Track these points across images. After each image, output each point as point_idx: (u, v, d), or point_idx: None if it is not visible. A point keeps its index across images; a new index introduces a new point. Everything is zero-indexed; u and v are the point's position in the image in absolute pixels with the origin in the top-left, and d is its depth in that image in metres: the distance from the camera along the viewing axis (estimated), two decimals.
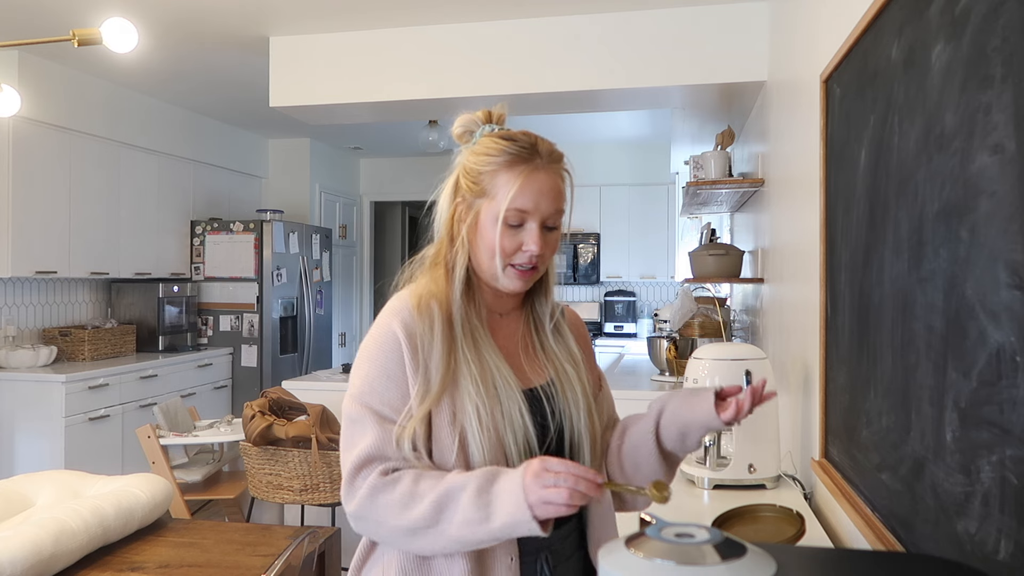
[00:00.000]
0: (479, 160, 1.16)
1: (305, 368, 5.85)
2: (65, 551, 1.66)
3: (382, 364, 1.12)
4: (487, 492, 1.02)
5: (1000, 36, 0.88)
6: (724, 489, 1.96)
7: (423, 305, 1.15)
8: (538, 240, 1.14)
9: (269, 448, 2.86)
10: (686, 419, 1.14)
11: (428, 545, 1.05)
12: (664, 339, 3.68)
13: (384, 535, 1.09)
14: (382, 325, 1.15)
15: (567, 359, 1.24)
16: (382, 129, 6.15)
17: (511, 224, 1.13)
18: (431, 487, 1.05)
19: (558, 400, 1.19)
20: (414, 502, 1.04)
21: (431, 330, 1.13)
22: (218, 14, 3.55)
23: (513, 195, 1.12)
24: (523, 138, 1.16)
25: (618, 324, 6.67)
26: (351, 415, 1.12)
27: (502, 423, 1.11)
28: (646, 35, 3.43)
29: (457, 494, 1.03)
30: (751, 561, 0.69)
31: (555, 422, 1.18)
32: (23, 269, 4.11)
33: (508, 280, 1.16)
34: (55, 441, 3.96)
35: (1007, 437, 0.85)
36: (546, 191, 1.14)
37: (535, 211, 1.13)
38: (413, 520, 1.04)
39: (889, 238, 1.28)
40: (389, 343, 1.13)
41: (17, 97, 2.93)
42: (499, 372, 1.14)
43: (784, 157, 2.63)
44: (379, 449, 1.09)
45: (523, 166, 1.14)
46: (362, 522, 1.09)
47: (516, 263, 1.15)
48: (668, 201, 6.55)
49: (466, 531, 1.02)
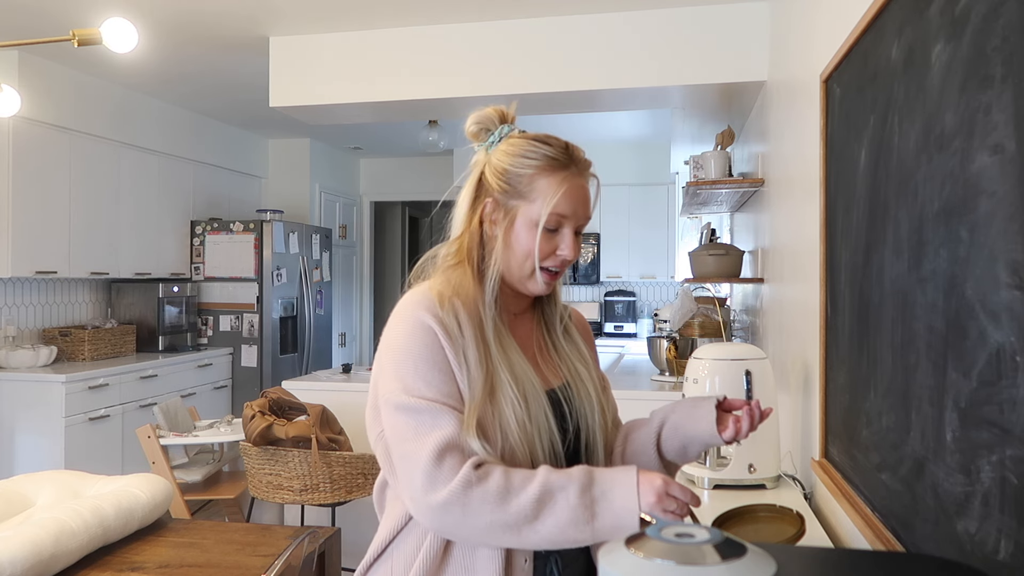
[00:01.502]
0: (514, 161, 1.16)
1: (305, 368, 5.85)
2: (65, 551, 1.66)
3: (426, 355, 1.09)
4: (589, 493, 1.02)
5: (1000, 36, 0.88)
6: (724, 489, 1.96)
7: (445, 301, 1.12)
8: (573, 245, 1.16)
9: (269, 448, 2.86)
10: (688, 433, 1.15)
11: (519, 540, 1.03)
12: (664, 339, 3.68)
13: (473, 528, 1.04)
14: (410, 317, 1.11)
15: (579, 360, 1.25)
16: (382, 129, 6.15)
17: (549, 228, 1.14)
18: (524, 482, 1.03)
19: (574, 401, 1.20)
20: (511, 496, 1.02)
21: (460, 329, 1.12)
22: (218, 14, 3.55)
23: (557, 201, 1.13)
24: (556, 142, 1.17)
25: (618, 324, 6.67)
26: (409, 405, 1.07)
27: (531, 426, 1.11)
28: (646, 35, 3.43)
29: (558, 492, 1.02)
30: (751, 561, 0.69)
31: (572, 423, 1.19)
32: (23, 269, 4.11)
33: (537, 283, 1.17)
34: (55, 441, 3.96)
35: (1007, 437, 0.85)
36: (583, 198, 1.16)
37: (573, 217, 1.15)
38: (512, 514, 1.02)
39: (889, 238, 1.28)
40: (425, 334, 1.10)
41: (17, 97, 2.94)
42: (527, 376, 1.14)
43: (784, 157, 2.63)
44: (459, 438, 1.05)
45: (564, 172, 1.15)
46: (450, 515, 1.03)
47: (548, 266, 1.17)
48: (668, 201, 6.55)
49: (569, 529, 1.01)
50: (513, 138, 1.19)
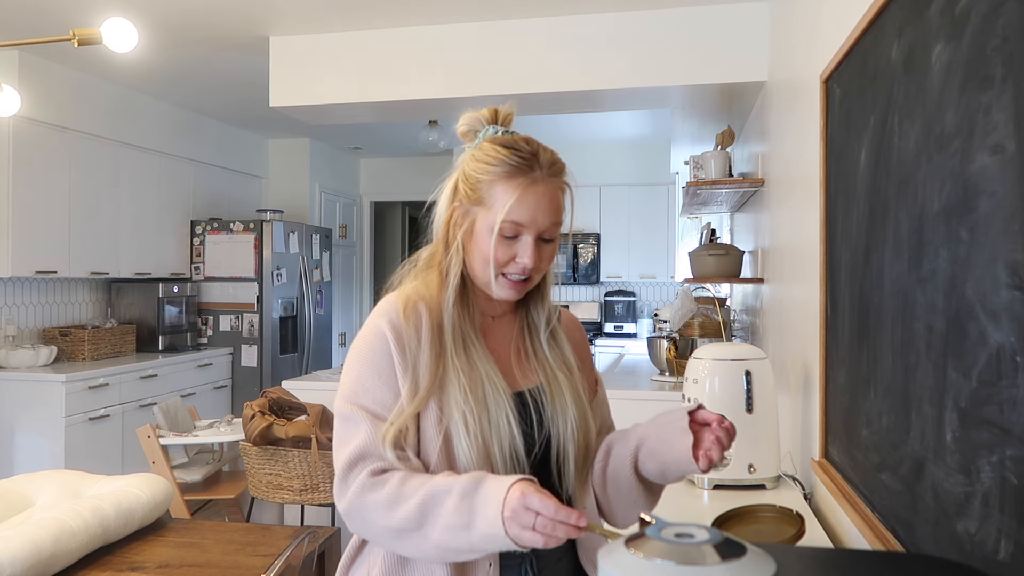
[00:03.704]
0: (478, 167, 1.14)
1: (305, 368, 5.85)
2: (65, 551, 1.66)
3: (372, 364, 1.12)
4: (471, 497, 0.99)
5: (1000, 36, 0.88)
6: (724, 489, 1.96)
7: (410, 308, 1.14)
8: (532, 254, 1.13)
9: (269, 448, 2.86)
10: (664, 460, 1.10)
11: (414, 548, 1.04)
12: (664, 339, 3.68)
13: (373, 535, 1.08)
14: (370, 326, 1.15)
15: (560, 366, 1.23)
16: (382, 129, 6.15)
17: (506, 236, 1.12)
18: (417, 488, 1.03)
19: (546, 407, 1.18)
20: (400, 503, 1.03)
21: (417, 333, 1.13)
22: (218, 14, 3.55)
23: (510, 208, 1.11)
24: (525, 147, 1.14)
25: (618, 324, 6.67)
26: (343, 413, 1.12)
27: (488, 430, 1.10)
28: (646, 35, 3.43)
29: (442, 497, 1.01)
30: (751, 561, 0.69)
31: (543, 430, 1.17)
32: (23, 269, 4.11)
33: (500, 289, 1.16)
34: (55, 441, 3.97)
35: (1007, 437, 0.85)
36: (544, 205, 1.12)
37: (531, 224, 1.12)
38: (399, 521, 1.03)
39: (889, 238, 1.28)
40: (378, 343, 1.12)
41: (17, 97, 2.94)
42: (488, 379, 1.13)
43: (784, 157, 2.63)
44: (371, 447, 1.08)
45: (522, 178, 1.12)
46: (352, 520, 1.08)
47: (508, 273, 1.15)
48: (668, 201, 6.55)
49: (448, 536, 0.99)
50: (486, 142, 1.17)
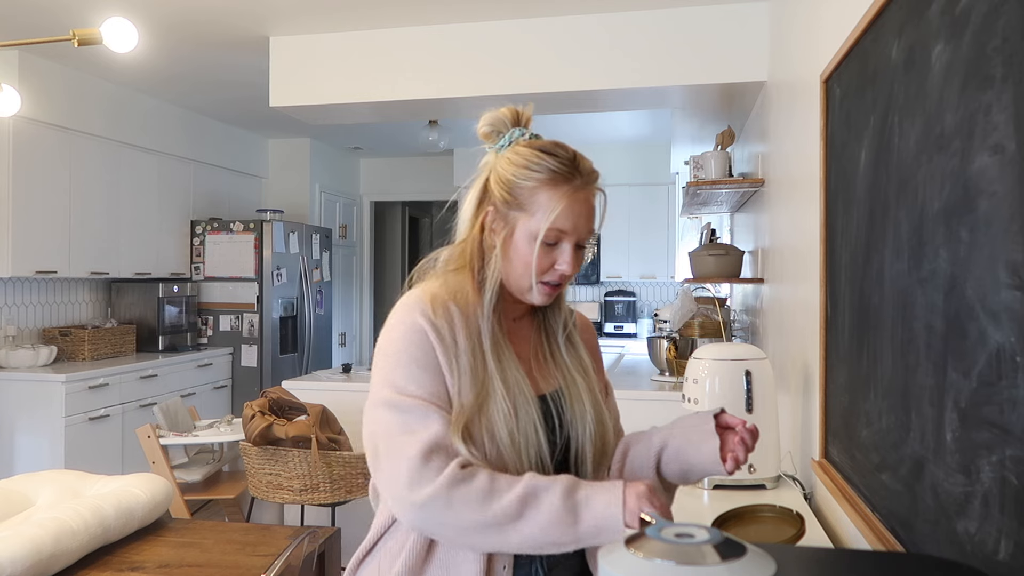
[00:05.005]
0: (518, 172, 1.14)
1: (305, 368, 5.85)
2: (65, 551, 1.65)
3: (417, 357, 1.10)
4: (573, 496, 1.02)
5: (1000, 36, 0.88)
6: (724, 489, 1.96)
7: (439, 305, 1.13)
8: (571, 261, 1.14)
9: (269, 448, 2.86)
10: (691, 461, 1.13)
11: (500, 541, 1.04)
12: (664, 339, 3.68)
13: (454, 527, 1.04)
14: (403, 319, 1.12)
15: (577, 368, 1.23)
16: (382, 129, 6.15)
17: (548, 243, 1.13)
18: (510, 484, 1.04)
19: (565, 410, 1.19)
20: (495, 497, 1.02)
21: (453, 334, 1.12)
22: (218, 14, 3.55)
23: (556, 217, 1.11)
24: (563, 153, 1.15)
25: (618, 324, 6.67)
26: (398, 404, 1.08)
27: (518, 436, 1.11)
28: (646, 35, 3.43)
29: (543, 493, 1.02)
30: (751, 561, 0.69)
31: (563, 433, 1.18)
32: (23, 269, 4.11)
33: (536, 295, 1.16)
34: (55, 441, 3.96)
35: (1007, 437, 0.85)
36: (585, 213, 1.14)
37: (573, 232, 1.13)
38: (494, 514, 1.02)
39: (889, 238, 1.28)
40: (418, 335, 1.11)
41: (17, 97, 2.93)
42: (518, 385, 1.13)
43: (784, 157, 2.63)
44: (448, 438, 1.06)
45: (566, 187, 1.12)
46: (432, 512, 1.04)
47: (546, 280, 1.15)
48: (668, 201, 6.55)
49: (552, 530, 1.01)
50: (520, 146, 1.17)
